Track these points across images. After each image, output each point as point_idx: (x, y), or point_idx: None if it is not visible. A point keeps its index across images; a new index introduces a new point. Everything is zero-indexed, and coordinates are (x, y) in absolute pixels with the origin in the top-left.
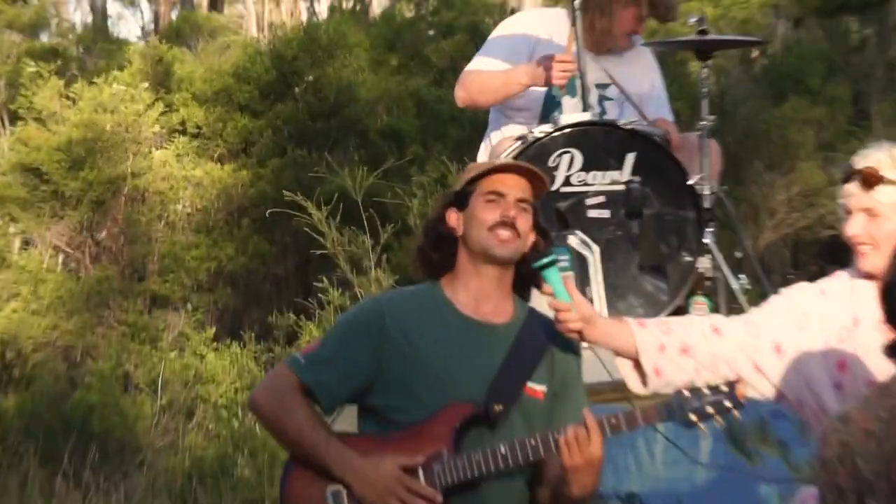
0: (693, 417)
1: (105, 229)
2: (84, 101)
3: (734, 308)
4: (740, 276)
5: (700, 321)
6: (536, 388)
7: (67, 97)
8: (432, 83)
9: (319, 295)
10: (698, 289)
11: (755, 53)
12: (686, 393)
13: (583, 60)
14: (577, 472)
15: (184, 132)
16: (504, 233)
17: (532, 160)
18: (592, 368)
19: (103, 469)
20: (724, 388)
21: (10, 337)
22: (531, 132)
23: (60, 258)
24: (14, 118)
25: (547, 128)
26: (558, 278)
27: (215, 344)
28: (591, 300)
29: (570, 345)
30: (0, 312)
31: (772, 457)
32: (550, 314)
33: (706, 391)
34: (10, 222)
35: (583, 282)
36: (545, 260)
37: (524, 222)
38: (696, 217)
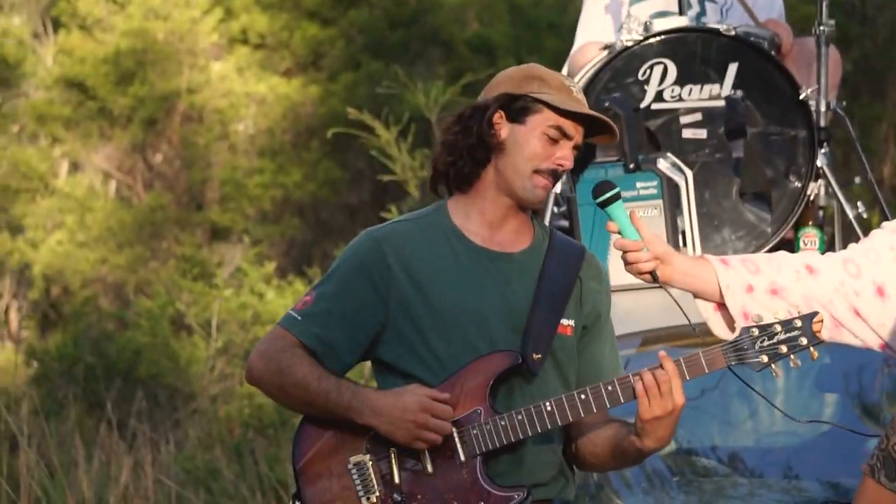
0: (764, 359)
1: (159, 152)
2: (133, 7)
3: (851, 242)
4: (858, 204)
5: (793, 258)
6: (566, 323)
7: (115, 2)
8: None
9: None
10: (809, 219)
11: None
12: (755, 330)
13: None
14: (655, 424)
15: (245, 42)
16: (547, 180)
17: (619, 72)
18: (663, 310)
19: (152, 417)
20: (798, 323)
21: (55, 272)
22: (619, 40)
23: (112, 185)
24: (57, 25)
25: (638, 35)
26: (624, 213)
27: (276, 281)
28: (682, 232)
29: (598, 271)
30: (44, 244)
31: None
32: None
33: (778, 327)
34: (54, 143)
35: (674, 211)
36: (608, 194)
37: (569, 167)
38: (808, 136)
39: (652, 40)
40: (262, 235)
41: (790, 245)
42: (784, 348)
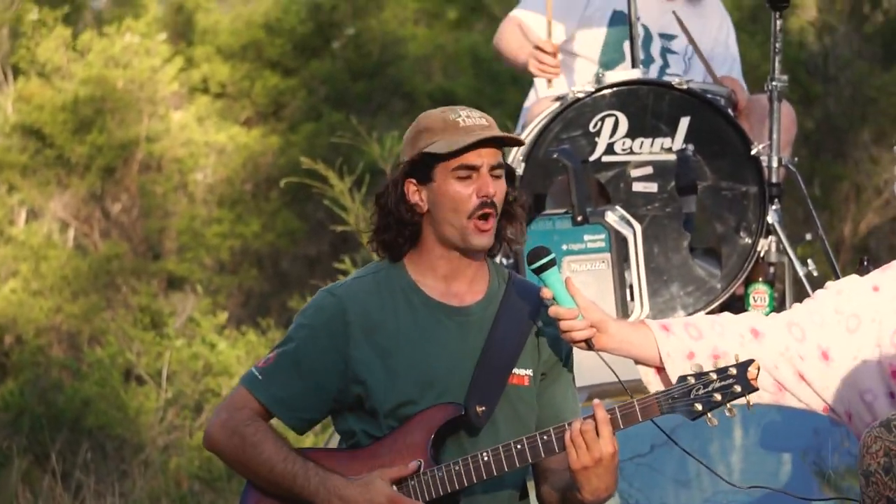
0: (699, 407)
1: (116, 200)
2: (93, 55)
3: (803, 299)
4: (809, 261)
5: (737, 322)
6: (521, 373)
7: (74, 49)
8: (492, 38)
9: (341, 278)
10: (759, 275)
11: (867, 8)
12: (691, 379)
13: (643, 3)
14: (586, 474)
15: (206, 91)
16: (486, 219)
17: (570, 123)
18: (593, 367)
19: (99, 469)
20: (733, 371)
21: (8, 320)
22: (571, 91)
23: (70, 233)
24: (17, 72)
25: (589, 86)
26: (559, 279)
27: (229, 331)
28: (630, 286)
29: None
30: None
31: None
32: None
33: (713, 375)
34: (10, 191)
35: (622, 265)
36: (543, 260)
37: (500, 191)
38: (759, 192)
39: (604, 92)
40: (220, 286)
41: (740, 301)
42: (718, 396)
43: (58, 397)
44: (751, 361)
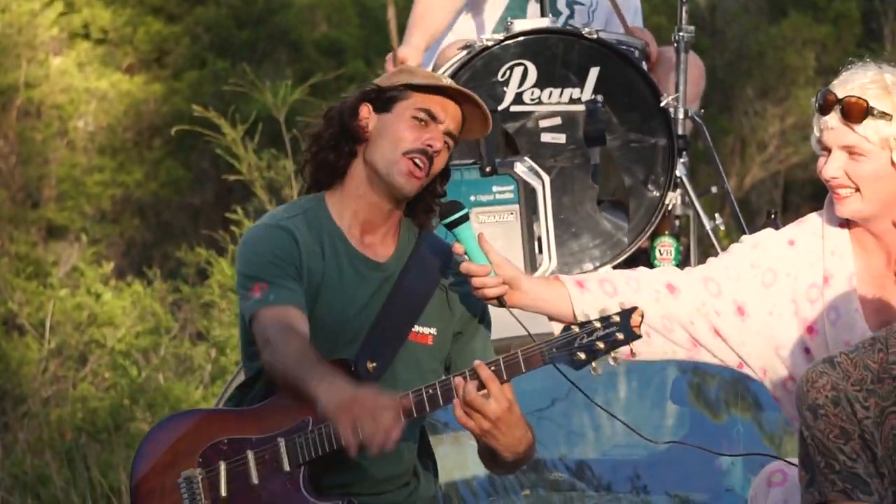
0: (582, 356)
1: None
2: None
3: (707, 253)
4: (716, 215)
5: (653, 277)
6: (424, 331)
7: None
8: None
9: (233, 228)
10: (665, 229)
11: None
12: (576, 328)
13: None
14: (492, 436)
15: (87, 37)
16: (418, 165)
17: (478, 72)
18: (506, 321)
19: None
20: (616, 319)
21: None
22: (480, 39)
23: None
24: None
25: (498, 35)
26: (472, 235)
27: (115, 282)
28: (539, 238)
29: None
30: None
31: (742, 417)
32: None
33: (597, 324)
34: None
35: (530, 217)
36: (456, 215)
37: (442, 160)
38: (668, 145)
39: (512, 41)
40: (101, 235)
41: (646, 254)
42: (601, 345)
43: None
44: (634, 309)
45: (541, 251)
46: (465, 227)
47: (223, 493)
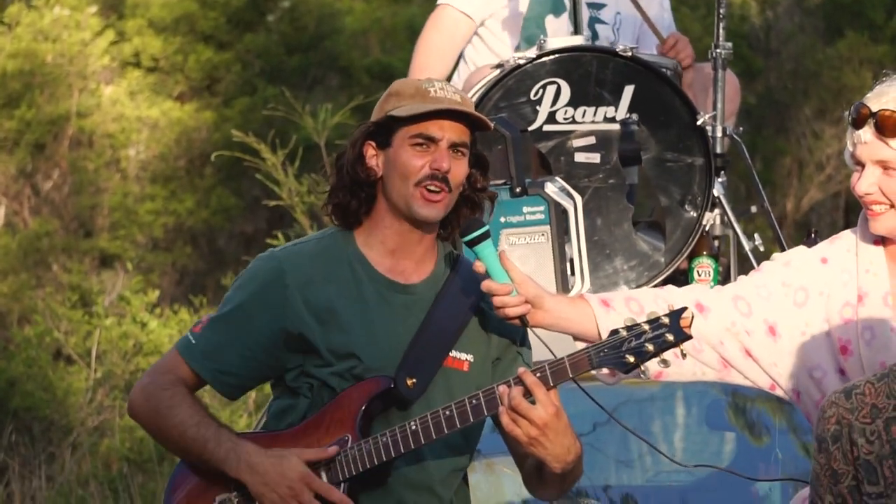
0: (630, 359)
1: (47, 177)
2: (21, 28)
3: (747, 274)
4: (755, 235)
5: (681, 295)
6: (460, 357)
7: (2, 22)
8: (430, 11)
9: None
10: (704, 249)
11: None
12: (623, 331)
13: None
14: (540, 445)
15: (138, 65)
16: (433, 190)
17: (510, 91)
18: (535, 345)
19: (27, 451)
20: (666, 320)
21: None
22: (512, 58)
23: (1, 211)
24: None
25: (531, 53)
26: (493, 253)
27: (161, 310)
28: (570, 260)
29: None
30: None
31: (779, 428)
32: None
33: (645, 326)
34: None
35: (562, 238)
36: (476, 233)
37: (459, 172)
38: (705, 164)
39: (546, 59)
40: (153, 263)
41: (684, 275)
42: (650, 346)
43: None
44: (684, 309)
45: (573, 273)
46: (486, 244)
47: None
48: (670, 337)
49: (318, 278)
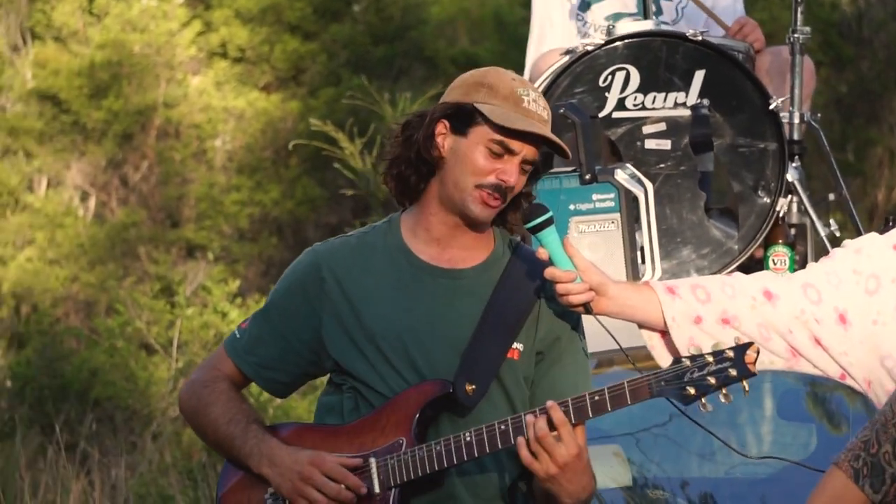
0: (691, 391)
1: (134, 168)
2: (110, 18)
3: None
4: (831, 222)
5: (750, 283)
6: (513, 346)
7: (91, 13)
8: (517, 2)
9: None
10: (778, 237)
11: None
12: (687, 361)
13: None
14: (556, 482)
15: (224, 56)
16: (492, 196)
17: (579, 78)
18: (598, 334)
19: (109, 440)
20: (730, 354)
21: (24, 290)
22: (581, 44)
23: (91, 202)
24: (34, 37)
25: (599, 39)
26: (556, 240)
27: (241, 300)
28: (641, 248)
29: None
30: (13, 261)
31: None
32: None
33: (710, 358)
34: (27, 158)
35: (632, 226)
36: (540, 219)
37: (519, 186)
38: (779, 149)
39: (615, 45)
40: (239, 254)
41: (759, 264)
42: (713, 380)
43: (65, 367)
44: (749, 344)
45: (643, 261)
46: (550, 230)
47: None
48: (734, 372)
49: (357, 270)
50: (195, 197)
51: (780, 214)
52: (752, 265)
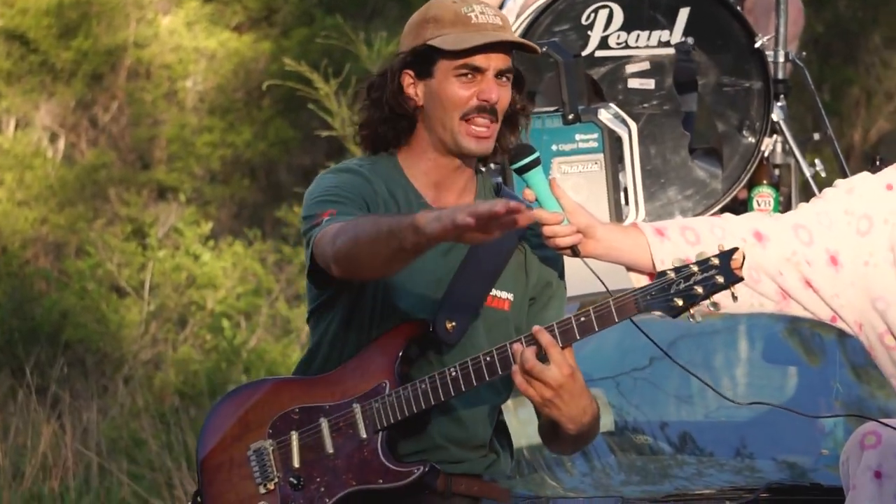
0: (679, 302)
1: (104, 108)
2: None
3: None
4: (816, 161)
5: (739, 223)
6: (501, 296)
7: None
8: None
9: None
10: (763, 177)
11: None
12: (671, 273)
13: None
14: (554, 406)
15: None
16: (482, 123)
17: (562, 16)
18: (584, 276)
19: (80, 384)
20: (716, 262)
21: None
22: None
23: (60, 143)
24: None
25: None
26: (543, 181)
27: (213, 242)
28: (625, 189)
29: None
30: None
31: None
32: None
33: (694, 268)
34: None
35: (616, 166)
36: (526, 160)
37: (505, 99)
38: (764, 88)
39: None
40: (211, 196)
41: (743, 205)
42: (700, 289)
43: (36, 310)
44: (735, 249)
45: (627, 202)
46: (536, 171)
47: (296, 463)
48: (720, 279)
49: (386, 197)
50: (166, 138)
51: (765, 154)
52: (737, 206)
